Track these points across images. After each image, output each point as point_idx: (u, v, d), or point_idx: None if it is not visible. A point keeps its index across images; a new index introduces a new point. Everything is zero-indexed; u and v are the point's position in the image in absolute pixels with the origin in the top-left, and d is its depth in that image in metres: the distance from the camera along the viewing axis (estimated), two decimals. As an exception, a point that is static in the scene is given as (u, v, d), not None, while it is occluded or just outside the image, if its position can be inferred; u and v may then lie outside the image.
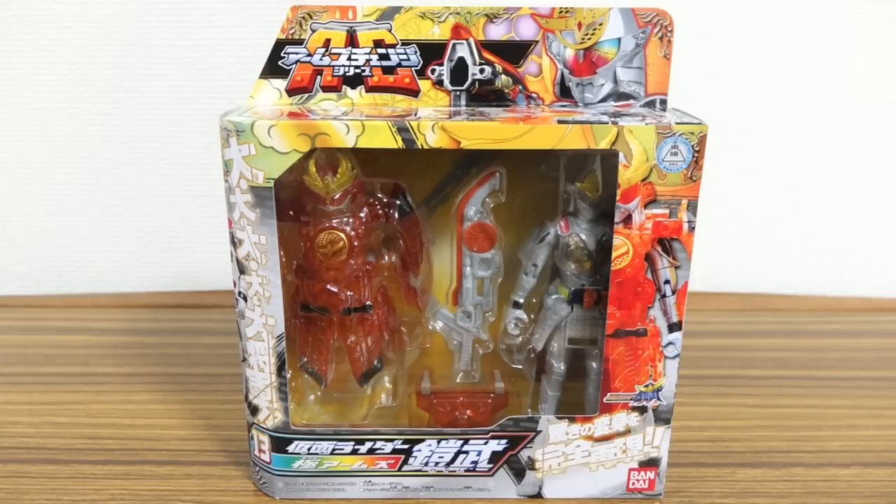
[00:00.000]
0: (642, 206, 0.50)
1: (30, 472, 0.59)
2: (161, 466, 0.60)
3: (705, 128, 0.48)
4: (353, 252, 0.54)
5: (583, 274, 0.56)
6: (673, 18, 0.54)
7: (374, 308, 0.57)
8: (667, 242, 0.51)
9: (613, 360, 0.53)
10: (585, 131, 0.48)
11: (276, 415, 0.55)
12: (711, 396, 0.72)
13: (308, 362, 0.58)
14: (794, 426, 0.67)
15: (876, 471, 0.60)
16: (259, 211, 0.50)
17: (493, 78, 0.55)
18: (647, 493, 0.57)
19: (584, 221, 0.55)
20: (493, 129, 0.48)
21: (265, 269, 0.51)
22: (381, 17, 0.53)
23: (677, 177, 0.49)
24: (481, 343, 0.61)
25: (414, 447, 0.56)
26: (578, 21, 0.54)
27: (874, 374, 0.77)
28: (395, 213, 0.56)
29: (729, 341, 0.85)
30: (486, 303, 0.59)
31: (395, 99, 0.55)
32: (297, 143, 0.48)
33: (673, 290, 0.52)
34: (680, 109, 0.54)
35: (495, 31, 0.54)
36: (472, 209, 0.57)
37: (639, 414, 0.55)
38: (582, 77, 0.55)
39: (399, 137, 0.48)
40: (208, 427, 0.66)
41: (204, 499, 0.57)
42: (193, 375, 0.75)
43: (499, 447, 0.56)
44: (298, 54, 0.54)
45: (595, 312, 0.56)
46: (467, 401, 0.61)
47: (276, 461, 0.56)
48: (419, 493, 0.57)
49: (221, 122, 0.49)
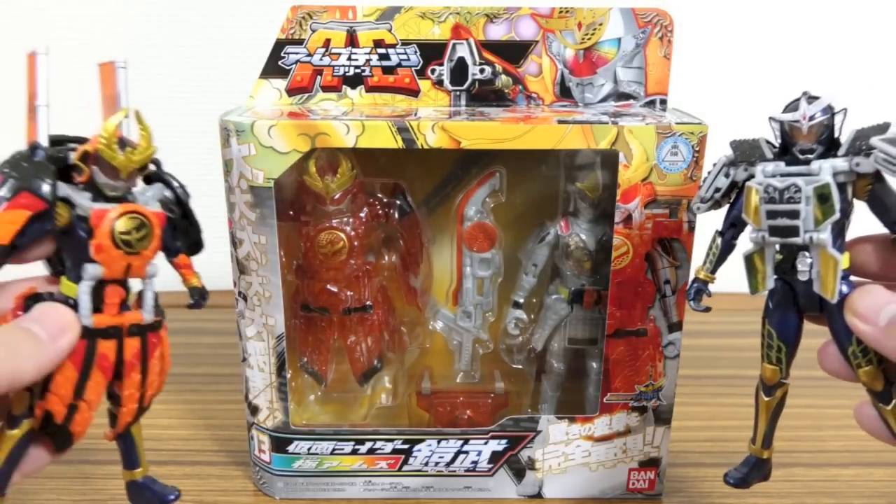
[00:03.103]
0: (642, 206, 0.50)
1: (30, 472, 0.59)
2: (161, 466, 0.60)
3: (705, 128, 0.48)
4: (353, 252, 0.54)
5: (583, 274, 0.56)
6: (673, 18, 0.54)
7: (374, 308, 0.57)
8: (667, 242, 0.51)
9: (613, 360, 0.53)
10: (585, 131, 0.48)
11: (276, 415, 0.55)
12: (711, 396, 0.73)
13: (308, 362, 0.58)
14: (794, 426, 0.67)
15: (876, 471, 0.60)
16: (259, 211, 0.50)
17: (493, 78, 0.55)
18: (647, 493, 0.57)
19: (584, 221, 0.55)
20: (493, 129, 0.48)
21: (265, 269, 0.51)
22: (381, 17, 0.53)
23: (677, 177, 0.49)
24: (481, 343, 0.61)
25: (414, 447, 0.56)
26: (578, 21, 0.54)
27: (874, 374, 0.77)
28: (395, 213, 0.56)
29: (729, 341, 0.85)
30: (486, 303, 0.59)
31: (395, 99, 0.55)
32: (297, 143, 0.48)
33: (673, 290, 0.52)
34: (680, 109, 0.54)
35: (495, 31, 0.54)
36: (472, 209, 0.57)
37: (639, 414, 0.55)
38: (582, 77, 0.55)
39: (399, 137, 0.48)
40: (208, 427, 0.66)
41: (204, 499, 0.57)
42: (193, 375, 0.76)
43: (499, 447, 0.56)
44: (298, 54, 0.54)
45: (595, 312, 0.56)
46: (467, 401, 0.61)
47: (276, 461, 0.56)
48: (419, 493, 0.57)
49: (221, 122, 0.49)
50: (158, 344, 0.41)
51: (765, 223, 0.40)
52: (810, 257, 0.39)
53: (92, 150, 0.37)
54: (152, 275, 0.40)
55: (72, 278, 0.38)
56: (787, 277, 0.41)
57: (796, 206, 0.38)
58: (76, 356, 0.37)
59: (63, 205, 0.37)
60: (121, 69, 0.39)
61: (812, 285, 0.39)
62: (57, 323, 0.36)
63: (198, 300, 0.44)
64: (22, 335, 0.35)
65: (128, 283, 0.40)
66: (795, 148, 0.40)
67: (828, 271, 0.38)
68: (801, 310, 0.42)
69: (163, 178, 0.41)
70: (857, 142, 0.38)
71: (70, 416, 0.38)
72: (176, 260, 0.43)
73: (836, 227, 0.39)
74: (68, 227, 0.37)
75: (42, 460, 0.40)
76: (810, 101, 0.39)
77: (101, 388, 0.39)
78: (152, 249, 0.39)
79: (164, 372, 0.42)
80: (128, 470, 0.43)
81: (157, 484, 0.44)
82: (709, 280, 0.46)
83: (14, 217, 0.35)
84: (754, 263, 0.41)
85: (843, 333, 0.40)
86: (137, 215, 0.38)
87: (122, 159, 0.37)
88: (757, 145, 0.42)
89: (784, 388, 0.45)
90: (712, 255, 0.45)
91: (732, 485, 0.47)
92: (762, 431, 0.47)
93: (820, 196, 0.38)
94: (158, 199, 0.40)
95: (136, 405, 0.41)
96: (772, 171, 0.40)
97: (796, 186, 0.38)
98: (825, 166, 0.38)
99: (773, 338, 0.43)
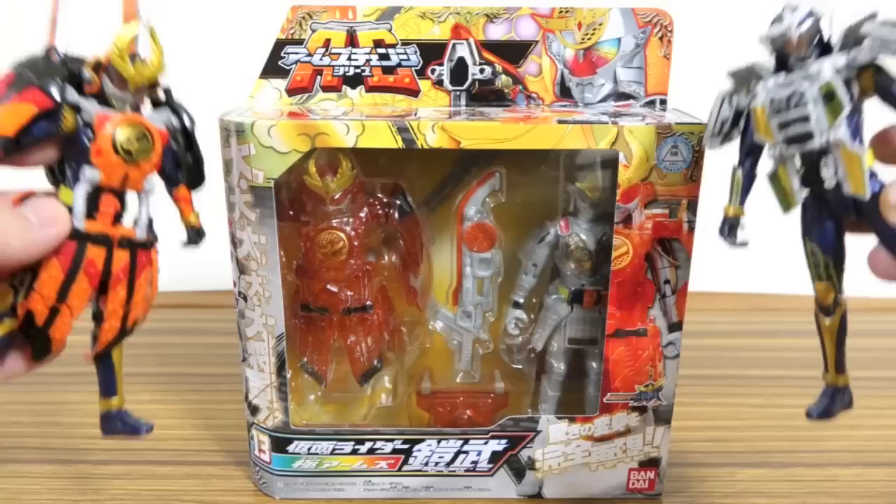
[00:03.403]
0: (642, 206, 0.50)
1: (30, 472, 0.59)
2: (161, 466, 0.60)
3: (705, 128, 0.48)
4: (353, 252, 0.54)
5: (583, 274, 0.56)
6: (673, 18, 0.54)
7: (374, 308, 0.57)
8: (667, 242, 0.51)
9: (613, 360, 0.53)
10: (585, 131, 0.48)
11: (276, 415, 0.55)
12: (711, 396, 0.73)
13: (308, 362, 0.58)
14: (794, 426, 0.67)
15: (876, 471, 0.60)
16: (259, 211, 0.50)
17: (493, 78, 0.55)
18: (647, 492, 0.57)
19: (584, 221, 0.55)
20: (493, 129, 0.48)
21: (265, 269, 0.51)
22: (381, 17, 0.53)
23: (677, 177, 0.49)
24: (481, 343, 0.61)
25: (414, 447, 0.56)
26: (578, 21, 0.54)
27: (874, 374, 0.77)
28: (395, 213, 0.56)
29: (729, 341, 0.85)
30: (486, 303, 0.59)
31: (395, 99, 0.55)
32: (297, 143, 0.48)
33: (673, 290, 0.52)
34: (680, 109, 0.54)
35: (495, 31, 0.54)
36: (472, 209, 0.57)
37: (639, 414, 0.55)
38: (582, 77, 0.55)
39: (399, 137, 0.48)
40: (208, 427, 0.66)
41: (204, 499, 0.57)
42: (193, 375, 0.76)
43: (499, 447, 0.56)
44: (298, 54, 0.54)
45: (595, 312, 0.56)
46: (467, 401, 0.61)
47: (276, 461, 0.56)
48: (419, 493, 0.57)
49: (221, 122, 0.49)
50: (148, 265, 0.41)
51: (778, 136, 0.40)
52: (833, 160, 0.39)
53: (104, 60, 0.38)
54: (149, 191, 0.41)
55: (70, 185, 0.38)
56: (816, 189, 0.40)
57: (805, 111, 0.38)
58: (64, 257, 0.38)
59: (70, 110, 0.38)
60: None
61: (841, 190, 0.39)
62: (48, 212, 0.37)
63: (193, 238, 0.44)
64: (13, 216, 0.36)
65: (124, 197, 0.40)
66: (791, 59, 0.40)
67: (854, 168, 0.38)
68: (838, 218, 0.41)
69: (171, 106, 0.41)
70: (849, 36, 0.39)
71: (51, 320, 0.38)
72: (176, 191, 0.43)
73: (852, 124, 0.38)
74: (73, 134, 0.38)
75: (19, 367, 0.40)
76: (792, 10, 0.39)
77: (86, 296, 0.39)
78: (151, 164, 0.40)
79: (151, 298, 0.42)
80: (104, 398, 0.43)
81: (132, 417, 0.44)
82: (739, 214, 0.44)
83: (20, 110, 0.36)
84: (780, 180, 0.41)
85: (885, 231, 0.38)
86: (140, 126, 0.39)
87: (132, 71, 0.38)
88: (752, 69, 0.42)
89: (842, 308, 0.43)
90: (736, 187, 0.44)
91: (816, 417, 0.45)
92: (832, 357, 0.44)
93: (826, 94, 0.38)
94: (164, 124, 0.41)
95: (118, 323, 0.41)
96: (773, 85, 0.40)
97: (800, 91, 0.38)
98: (825, 65, 0.38)
99: (816, 254, 0.42)
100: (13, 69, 0.37)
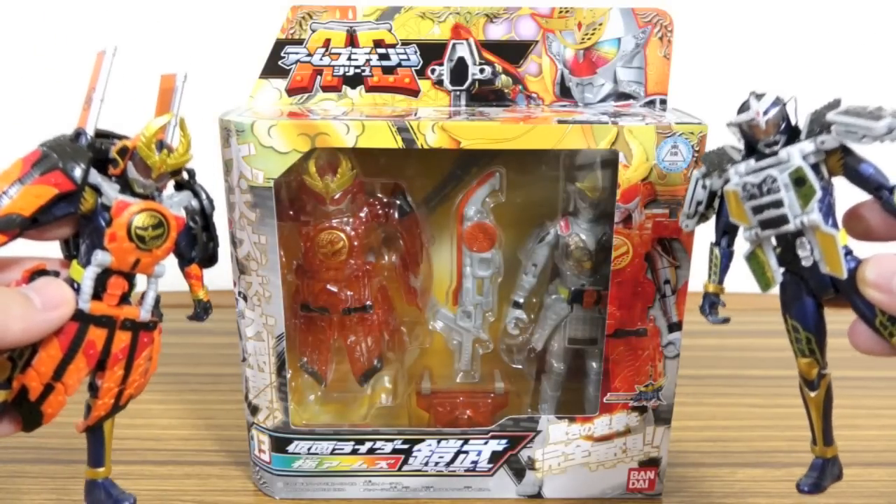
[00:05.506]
0: (642, 206, 0.50)
1: (30, 472, 0.59)
2: (161, 466, 0.60)
3: (705, 128, 0.48)
4: (353, 252, 0.54)
5: (583, 274, 0.56)
6: (673, 18, 0.54)
7: (374, 308, 0.57)
8: (667, 242, 0.51)
9: (613, 360, 0.53)
10: (585, 131, 0.48)
11: (276, 415, 0.55)
12: (711, 396, 0.73)
13: (308, 362, 0.58)
14: (794, 426, 0.67)
15: (876, 471, 0.60)
16: (259, 211, 0.50)
17: (493, 78, 0.55)
18: (647, 492, 0.57)
19: (584, 221, 0.55)
20: (493, 129, 0.48)
21: (265, 269, 0.51)
22: (381, 17, 0.53)
23: (677, 177, 0.49)
24: (481, 343, 0.61)
25: (414, 447, 0.56)
26: (578, 21, 0.54)
27: (874, 374, 0.77)
28: (394, 213, 0.56)
29: (729, 341, 0.85)
30: (486, 303, 0.59)
31: (395, 99, 0.55)
32: (297, 143, 0.48)
33: (673, 290, 0.52)
34: (680, 109, 0.54)
35: (495, 31, 0.54)
36: (472, 209, 0.57)
37: (639, 414, 0.55)
38: (582, 77, 0.55)
39: (399, 137, 0.48)
40: (208, 427, 0.66)
41: (204, 499, 0.57)
42: (193, 375, 0.76)
43: (499, 447, 0.56)
44: (298, 54, 0.54)
45: (595, 312, 0.56)
46: (467, 401, 0.61)
47: (276, 461, 0.56)
48: (419, 493, 0.57)
49: (221, 122, 0.49)
50: (149, 344, 0.41)
51: (753, 220, 0.40)
52: (808, 241, 0.39)
53: (131, 146, 0.38)
54: (159, 275, 0.41)
55: (82, 263, 0.39)
56: (793, 268, 0.41)
57: (778, 196, 0.39)
58: (64, 337, 0.38)
59: (91, 191, 0.38)
60: (180, 82, 0.41)
61: (818, 269, 0.39)
62: (53, 296, 0.37)
63: (200, 314, 0.45)
64: (17, 298, 0.36)
65: (134, 280, 0.40)
66: (760, 145, 0.40)
67: (829, 249, 0.39)
68: (816, 296, 0.42)
69: (193, 188, 0.42)
70: (815, 122, 0.39)
71: (44, 396, 0.38)
72: (188, 269, 0.44)
73: (824, 206, 0.39)
74: (91, 214, 0.38)
75: (7, 431, 0.40)
76: (758, 98, 0.40)
77: (82, 375, 0.39)
78: (164, 250, 0.40)
79: (148, 374, 0.42)
80: (91, 468, 0.43)
81: (116, 489, 0.44)
82: (719, 292, 0.46)
83: (41, 192, 0.36)
84: (757, 261, 0.42)
85: (864, 307, 0.39)
86: (157, 214, 0.39)
87: (156, 160, 0.38)
88: (723, 152, 0.43)
89: (826, 380, 0.43)
90: (714, 266, 0.45)
91: (807, 492, 0.45)
92: (819, 429, 0.45)
93: (797, 180, 0.39)
94: (184, 206, 0.41)
95: (112, 401, 0.41)
96: (744, 170, 0.41)
97: (772, 177, 0.39)
98: (793, 151, 0.39)
99: (798, 330, 0.43)
100: (40, 147, 0.37)
